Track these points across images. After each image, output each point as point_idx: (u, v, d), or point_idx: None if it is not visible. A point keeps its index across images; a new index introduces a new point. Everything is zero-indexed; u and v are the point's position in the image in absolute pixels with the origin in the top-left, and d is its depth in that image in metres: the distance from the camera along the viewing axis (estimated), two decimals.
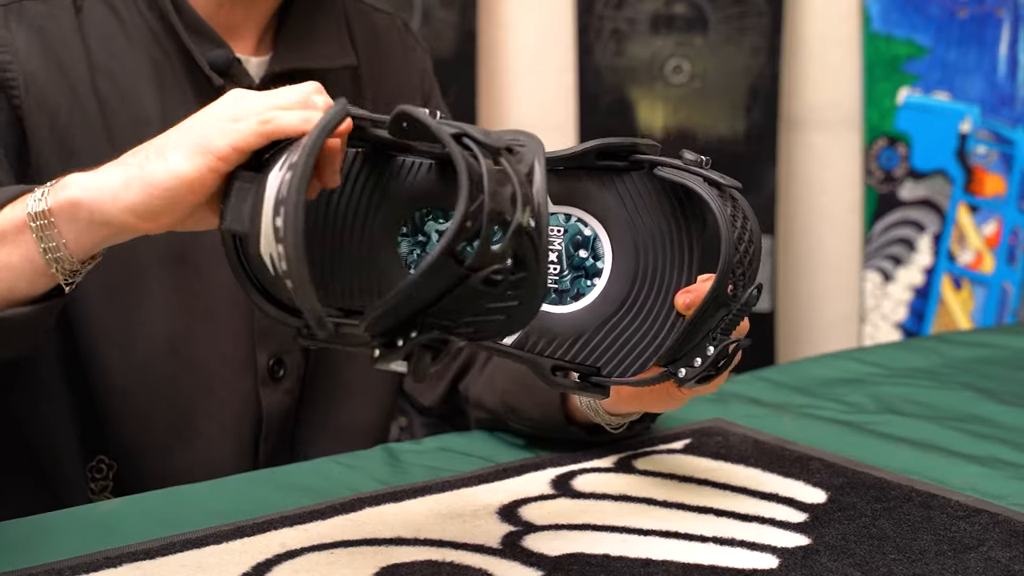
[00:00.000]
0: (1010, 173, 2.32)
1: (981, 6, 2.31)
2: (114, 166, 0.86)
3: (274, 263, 0.76)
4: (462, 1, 2.24)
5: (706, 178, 0.89)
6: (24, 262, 0.89)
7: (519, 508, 0.98)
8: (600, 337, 0.91)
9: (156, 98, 1.11)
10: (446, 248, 0.72)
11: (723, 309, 0.88)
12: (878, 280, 2.36)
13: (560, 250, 0.92)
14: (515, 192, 0.75)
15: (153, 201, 0.84)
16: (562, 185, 0.92)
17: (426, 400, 1.27)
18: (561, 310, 0.92)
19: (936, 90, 2.33)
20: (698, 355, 0.89)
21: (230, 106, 0.84)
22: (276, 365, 1.16)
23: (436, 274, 0.73)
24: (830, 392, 1.32)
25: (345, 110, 0.79)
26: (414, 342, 0.76)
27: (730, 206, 0.88)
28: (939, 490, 1.02)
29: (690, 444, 1.13)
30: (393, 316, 0.75)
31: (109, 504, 1.00)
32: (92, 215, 0.86)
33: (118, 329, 1.10)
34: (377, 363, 0.77)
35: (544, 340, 0.91)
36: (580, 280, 0.92)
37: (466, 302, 0.75)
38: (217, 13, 1.14)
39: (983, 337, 1.61)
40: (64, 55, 1.09)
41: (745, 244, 0.88)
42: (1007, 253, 2.33)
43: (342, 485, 1.03)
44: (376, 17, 1.29)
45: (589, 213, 0.92)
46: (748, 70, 2.30)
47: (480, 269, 0.73)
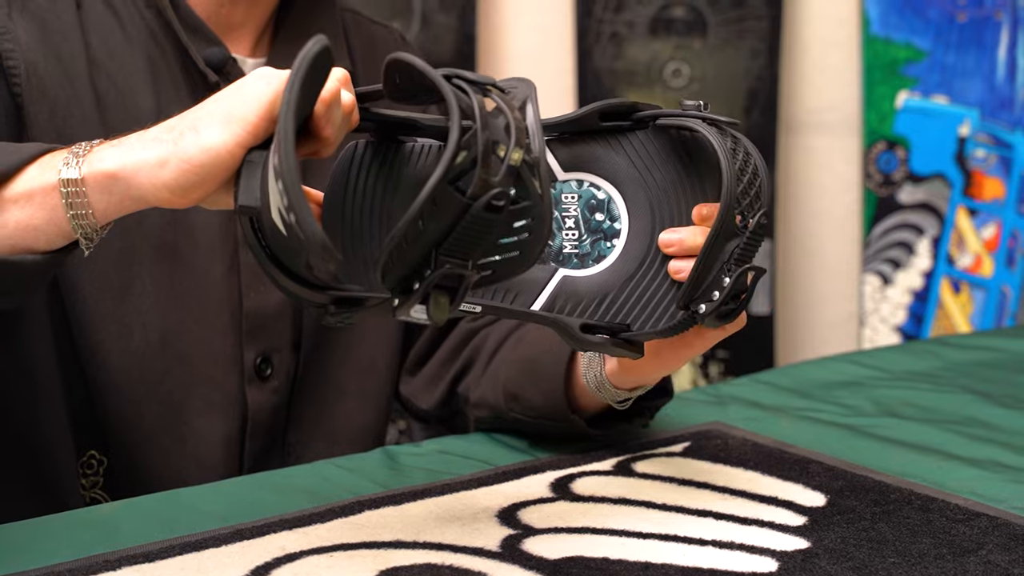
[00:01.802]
0: (1009, 176, 2.32)
1: (980, 9, 2.31)
2: (148, 140, 0.86)
3: (281, 214, 0.76)
4: (461, 5, 2.24)
5: (704, 118, 0.91)
6: (49, 224, 0.89)
7: (518, 511, 0.98)
8: (625, 295, 0.94)
9: (152, 95, 1.12)
10: (442, 175, 0.74)
11: (733, 240, 0.90)
12: (877, 283, 2.36)
13: (576, 215, 0.95)
14: (508, 123, 0.77)
15: (188, 177, 0.84)
16: (570, 152, 0.94)
17: (424, 404, 1.26)
18: (584, 273, 0.94)
19: (935, 93, 2.33)
20: (715, 289, 0.90)
21: (258, 80, 0.85)
22: (264, 363, 1.17)
23: (438, 205, 0.74)
24: (829, 395, 1.32)
25: (323, 41, 0.79)
26: (428, 281, 0.77)
27: (730, 141, 0.91)
28: (938, 493, 1.02)
29: (689, 447, 1.13)
30: (401, 254, 0.76)
31: (108, 507, 1.00)
32: (129, 190, 0.86)
33: (114, 321, 1.11)
34: (398, 312, 0.78)
35: (571, 303, 0.93)
36: (600, 242, 0.95)
37: (474, 235, 0.77)
38: (216, 13, 1.15)
39: (982, 340, 1.61)
40: (64, 48, 1.10)
41: (749, 175, 0.90)
42: (1006, 256, 2.33)
43: (341, 488, 1.03)
44: (374, 29, 1.30)
45: (601, 176, 0.95)
46: (747, 73, 2.30)
47: (481, 197, 0.75)
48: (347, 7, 1.29)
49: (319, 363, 1.21)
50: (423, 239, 0.76)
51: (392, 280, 0.78)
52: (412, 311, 0.79)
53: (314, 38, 0.78)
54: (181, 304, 1.13)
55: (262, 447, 1.19)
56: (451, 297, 0.79)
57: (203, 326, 1.14)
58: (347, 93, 0.86)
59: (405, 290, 0.78)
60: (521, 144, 0.77)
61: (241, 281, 1.15)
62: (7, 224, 0.89)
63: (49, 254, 0.90)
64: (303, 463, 1.17)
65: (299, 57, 0.77)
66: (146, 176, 0.85)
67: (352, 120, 0.87)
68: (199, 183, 0.84)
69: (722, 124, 0.91)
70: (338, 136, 0.86)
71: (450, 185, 0.75)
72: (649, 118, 0.94)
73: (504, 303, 0.93)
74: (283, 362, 1.18)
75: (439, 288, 0.78)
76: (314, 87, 0.81)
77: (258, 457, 1.19)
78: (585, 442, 1.13)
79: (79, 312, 1.10)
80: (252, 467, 1.18)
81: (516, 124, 0.78)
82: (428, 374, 1.26)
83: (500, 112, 0.78)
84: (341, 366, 1.22)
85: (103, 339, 1.11)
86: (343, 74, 0.86)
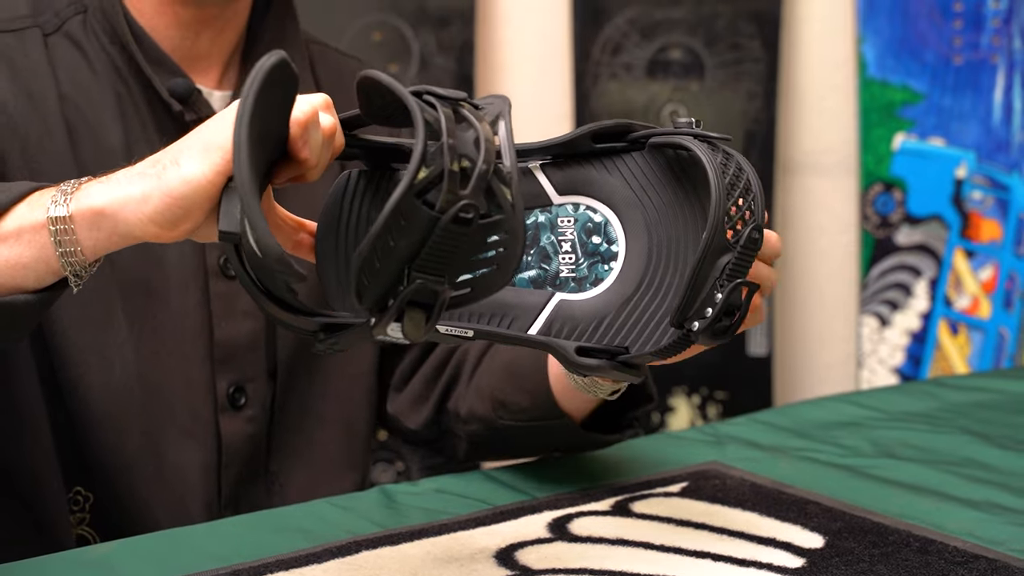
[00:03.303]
0: (1006, 218, 2.33)
1: (976, 52, 2.32)
2: (134, 175, 0.87)
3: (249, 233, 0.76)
4: (459, 47, 2.25)
5: (696, 135, 0.91)
6: (37, 262, 0.89)
7: (516, 551, 0.97)
8: (623, 318, 0.93)
9: (119, 129, 1.13)
10: (406, 189, 0.74)
11: (725, 255, 0.88)
12: (875, 325, 2.36)
13: (573, 239, 0.94)
14: (478, 136, 0.77)
15: (172, 210, 0.84)
16: (565, 176, 0.94)
17: (412, 424, 1.26)
18: (582, 296, 0.94)
19: (932, 136, 2.34)
20: (708, 306, 0.89)
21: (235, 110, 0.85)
22: (237, 392, 1.17)
23: (406, 220, 0.74)
24: (827, 435, 1.32)
25: (280, 54, 0.79)
26: (402, 297, 0.76)
27: (721, 156, 0.90)
28: (937, 535, 1.02)
29: (687, 487, 1.13)
30: (374, 272, 0.76)
31: (105, 547, 1.00)
32: (116, 226, 0.87)
33: (94, 354, 1.12)
34: (374, 331, 0.78)
35: (568, 327, 0.93)
36: (597, 266, 0.94)
37: (446, 250, 0.76)
38: (181, 45, 1.17)
39: (980, 381, 1.61)
40: (34, 85, 1.11)
41: (740, 190, 0.89)
42: (1003, 298, 2.34)
43: (338, 527, 1.02)
44: (343, 61, 1.31)
45: (596, 199, 0.94)
46: (744, 115, 2.31)
47: (448, 210, 0.75)
48: (315, 39, 1.30)
49: (297, 392, 1.22)
50: (395, 255, 0.76)
51: (369, 300, 0.77)
52: (388, 330, 0.78)
53: (270, 52, 0.79)
54: (155, 336, 1.14)
55: (242, 477, 1.19)
56: (427, 314, 0.78)
57: (177, 357, 1.15)
58: (327, 116, 0.86)
59: (381, 308, 0.78)
60: (490, 158, 0.77)
61: (212, 311, 1.16)
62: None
63: (40, 293, 0.91)
64: (287, 492, 1.18)
65: (254, 70, 0.77)
66: (132, 211, 0.85)
67: (336, 144, 0.87)
68: (184, 215, 0.84)
69: (714, 140, 0.91)
70: (320, 159, 0.86)
71: (417, 199, 0.75)
72: (643, 138, 0.94)
73: (500, 328, 0.93)
74: (258, 391, 1.19)
75: (414, 305, 0.78)
76: (280, 102, 0.81)
77: (239, 487, 1.19)
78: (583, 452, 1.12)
79: (59, 345, 1.11)
80: (231, 497, 1.18)
81: (486, 138, 0.77)
82: (414, 392, 1.25)
83: (470, 126, 0.78)
84: (319, 394, 1.23)
85: (84, 372, 1.11)
86: (323, 98, 0.86)
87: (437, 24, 2.24)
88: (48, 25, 1.14)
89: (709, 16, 2.30)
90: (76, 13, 1.15)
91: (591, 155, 0.94)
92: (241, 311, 1.17)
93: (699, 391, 2.32)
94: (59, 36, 1.14)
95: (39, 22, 1.14)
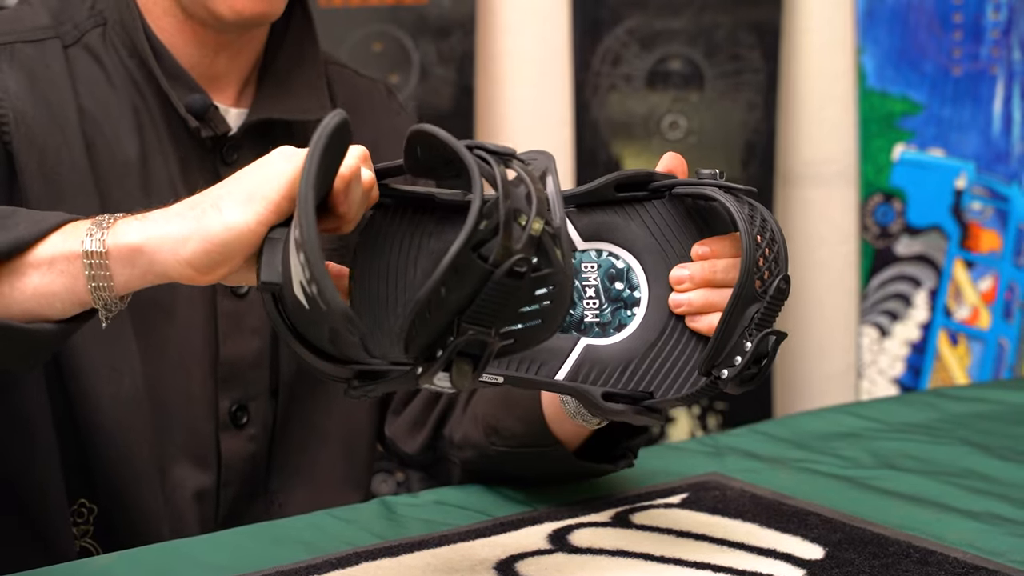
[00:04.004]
0: (1005, 229, 2.33)
1: (975, 63, 2.33)
2: (172, 216, 0.87)
3: (303, 287, 0.77)
4: (459, 58, 2.26)
5: (721, 187, 0.93)
6: (67, 291, 0.90)
7: (516, 563, 0.97)
8: (648, 362, 0.94)
9: (136, 142, 1.14)
10: (464, 242, 0.75)
11: (754, 305, 0.91)
12: (875, 335, 2.36)
13: (597, 284, 0.96)
14: (529, 192, 0.79)
15: (210, 256, 0.85)
16: (589, 221, 0.96)
17: (409, 448, 1.25)
18: (607, 342, 0.95)
19: (931, 146, 2.34)
20: (737, 354, 0.91)
21: (280, 159, 0.86)
22: (239, 411, 1.17)
23: (459, 272, 0.76)
24: (827, 446, 1.32)
25: (342, 115, 0.80)
26: (452, 347, 0.78)
27: (747, 207, 0.92)
28: (937, 546, 1.02)
29: (687, 498, 1.13)
30: (424, 322, 0.77)
31: (105, 558, 1.00)
32: (152, 265, 0.87)
33: (104, 366, 1.12)
34: (421, 380, 0.79)
35: (595, 371, 0.94)
36: (620, 311, 0.96)
37: (496, 302, 0.78)
38: (200, 63, 1.17)
39: (980, 392, 1.61)
40: (53, 97, 1.12)
41: (767, 240, 0.91)
42: (1003, 309, 2.34)
43: (338, 539, 1.02)
44: (359, 82, 1.31)
45: (619, 246, 0.96)
46: (744, 126, 2.31)
47: (502, 264, 0.76)
48: (334, 60, 1.30)
49: (299, 411, 1.21)
50: (446, 307, 0.77)
51: (415, 349, 0.79)
52: (435, 379, 0.79)
53: (333, 112, 0.80)
54: (160, 351, 1.14)
55: (241, 496, 1.19)
56: (474, 364, 0.80)
57: (181, 373, 1.15)
58: (367, 171, 0.87)
59: (428, 358, 0.79)
60: (542, 214, 0.79)
61: (218, 329, 1.16)
62: (25, 289, 0.90)
63: (62, 323, 0.91)
64: (287, 511, 1.17)
65: (319, 130, 0.78)
66: (169, 251, 0.86)
67: (372, 197, 0.88)
68: (222, 261, 0.85)
69: (738, 192, 0.93)
70: (357, 213, 0.87)
71: (472, 252, 0.76)
72: (665, 187, 0.95)
73: (529, 373, 0.94)
74: (260, 410, 1.19)
75: (462, 355, 0.79)
76: (333, 161, 0.82)
77: (238, 506, 1.19)
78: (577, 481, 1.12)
79: (69, 357, 1.11)
80: (229, 515, 1.18)
81: (537, 194, 0.79)
82: (411, 417, 1.25)
83: (521, 182, 0.79)
84: (322, 414, 1.22)
85: (94, 384, 1.11)
86: (363, 151, 0.86)
87: (437, 34, 2.25)
88: (68, 37, 1.15)
89: (709, 27, 2.30)
90: (96, 26, 1.16)
91: (614, 203, 0.96)
92: (249, 329, 1.17)
93: (699, 402, 2.32)
94: (78, 48, 1.15)
95: (59, 33, 1.15)
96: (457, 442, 1.19)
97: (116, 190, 1.12)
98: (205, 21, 1.14)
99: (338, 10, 2.22)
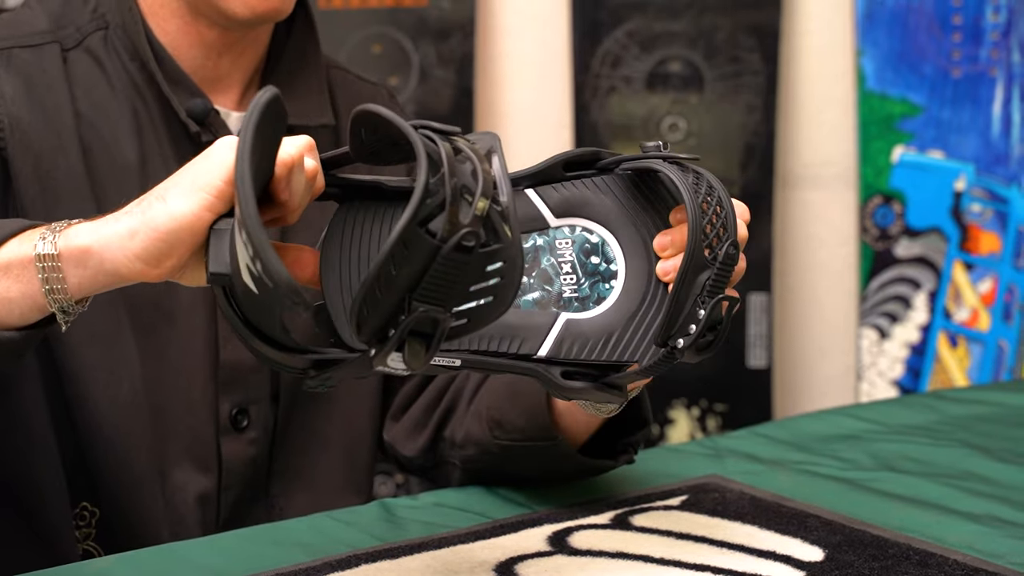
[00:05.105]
0: (1005, 231, 2.33)
1: (975, 65, 2.33)
2: (122, 215, 0.87)
3: (250, 269, 0.77)
4: (459, 60, 2.26)
5: (665, 158, 0.93)
6: (23, 297, 0.90)
7: (516, 565, 0.97)
8: (631, 332, 0.94)
9: (135, 146, 1.14)
10: (411, 217, 0.75)
11: (704, 273, 0.90)
12: (874, 337, 2.36)
13: (572, 260, 0.96)
14: (476, 169, 0.79)
15: (157, 245, 0.85)
16: (560, 198, 0.96)
17: (408, 451, 1.25)
18: (587, 315, 0.95)
19: (931, 148, 2.34)
20: (691, 323, 0.91)
21: (223, 147, 0.86)
22: (240, 415, 1.17)
23: (408, 247, 0.75)
24: (827, 449, 1.32)
25: (273, 91, 0.80)
26: (404, 326, 0.77)
27: (692, 176, 0.92)
28: (937, 548, 1.02)
29: (687, 500, 1.13)
30: (375, 303, 0.77)
31: (104, 561, 1.00)
32: (102, 264, 0.87)
33: (102, 370, 1.12)
34: (375, 362, 0.78)
35: (577, 345, 0.94)
36: (599, 284, 0.96)
37: (447, 278, 0.77)
38: (203, 66, 1.17)
39: (979, 394, 1.61)
40: (50, 102, 1.12)
41: (713, 208, 0.91)
42: (1003, 311, 2.34)
43: (338, 541, 1.02)
44: (361, 86, 1.31)
45: (592, 220, 0.96)
46: (744, 128, 2.31)
47: (450, 238, 0.76)
48: (336, 64, 1.31)
49: (300, 415, 1.21)
50: (396, 285, 0.77)
51: (368, 331, 0.78)
52: (389, 360, 0.79)
53: (264, 88, 0.80)
54: (161, 355, 1.14)
55: (242, 500, 1.19)
56: (427, 344, 0.79)
57: (181, 377, 1.15)
58: (310, 160, 0.87)
59: (381, 339, 0.78)
60: (488, 190, 0.78)
61: (219, 333, 1.16)
62: None
63: (24, 330, 0.91)
64: (288, 515, 1.17)
65: (250, 106, 0.78)
66: (118, 248, 0.86)
67: (316, 187, 0.88)
68: (169, 251, 0.85)
69: (683, 161, 0.93)
70: (301, 202, 0.86)
71: (420, 227, 0.76)
72: (613, 164, 0.96)
73: (511, 350, 0.93)
74: (261, 414, 1.19)
75: (414, 335, 0.79)
76: (271, 143, 0.82)
77: (238, 510, 1.19)
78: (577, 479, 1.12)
79: (67, 361, 1.11)
80: (230, 519, 1.18)
81: (483, 171, 0.79)
82: (412, 420, 1.25)
83: (467, 159, 0.79)
84: (323, 418, 1.23)
85: (92, 387, 1.11)
86: (307, 141, 0.86)
87: (437, 37, 2.25)
88: (69, 40, 1.15)
89: (709, 29, 2.30)
90: (97, 29, 1.16)
91: (585, 178, 0.96)
92: None
93: (699, 404, 2.32)
94: (79, 51, 1.15)
95: (59, 37, 1.15)
96: (459, 441, 1.19)
97: (114, 194, 1.12)
98: (214, 20, 1.14)
99: (338, 12, 2.22)
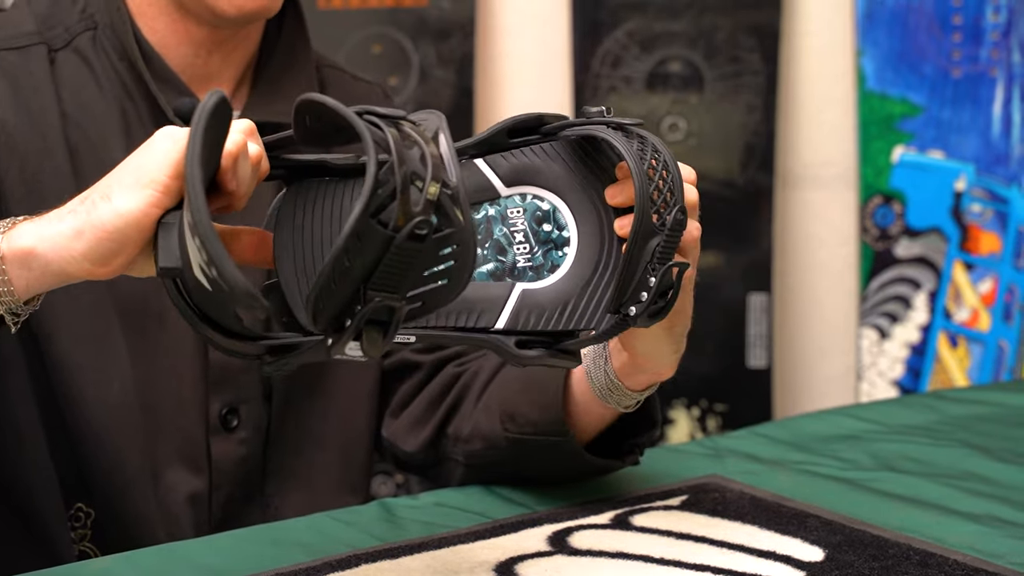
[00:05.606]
0: (1005, 231, 2.33)
1: (975, 65, 2.33)
2: (65, 213, 0.86)
3: (203, 269, 0.76)
4: (459, 59, 2.26)
5: (608, 123, 0.92)
6: None
7: (516, 565, 0.97)
8: (587, 299, 0.94)
9: (123, 146, 1.14)
10: (362, 210, 0.75)
11: (654, 239, 0.90)
12: (874, 337, 2.36)
13: (524, 229, 0.95)
14: (424, 153, 0.78)
15: (105, 244, 0.84)
16: (510, 167, 0.95)
17: (408, 447, 1.24)
18: (542, 284, 0.95)
19: (931, 148, 2.34)
20: (643, 290, 0.91)
21: (164, 139, 0.85)
22: (230, 414, 1.17)
23: (361, 240, 0.75)
24: (827, 449, 1.32)
25: (220, 93, 0.80)
26: (360, 316, 0.77)
27: (636, 142, 0.91)
28: (937, 548, 1.02)
29: (687, 500, 1.12)
30: (330, 293, 0.77)
31: (102, 561, 1.00)
32: (48, 265, 0.86)
33: (93, 370, 1.11)
34: (332, 351, 0.79)
35: (535, 315, 0.94)
36: (551, 252, 0.95)
37: (401, 267, 0.77)
38: (192, 64, 1.17)
39: (980, 394, 1.61)
40: (35, 104, 1.12)
41: (659, 173, 0.91)
42: (1003, 311, 2.34)
43: (338, 541, 1.02)
44: (355, 85, 1.31)
45: (543, 187, 0.96)
46: (744, 128, 2.31)
47: (403, 228, 0.76)
48: (331, 63, 1.30)
49: (294, 415, 1.21)
50: (350, 276, 0.77)
51: (324, 321, 0.78)
52: (346, 348, 0.79)
53: (211, 91, 0.79)
54: (151, 355, 1.14)
55: (235, 499, 1.19)
56: (384, 331, 0.79)
57: (172, 378, 1.15)
58: (254, 144, 0.86)
59: (337, 328, 0.78)
60: (438, 175, 0.78)
61: None
62: None
63: None
64: (283, 515, 1.17)
65: (198, 110, 0.78)
66: (64, 248, 0.85)
67: (261, 170, 0.87)
68: (117, 249, 0.84)
69: (627, 126, 0.92)
70: (247, 189, 0.86)
71: (372, 219, 0.76)
72: (556, 129, 0.95)
73: (468, 324, 0.93)
74: (251, 413, 1.18)
75: (371, 323, 0.79)
76: (217, 140, 0.82)
77: (232, 510, 1.18)
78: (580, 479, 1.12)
79: (57, 362, 1.11)
80: (224, 519, 1.18)
81: (431, 155, 0.79)
82: (413, 416, 1.24)
83: (414, 144, 0.79)
84: (318, 417, 1.22)
85: (82, 387, 1.11)
86: (248, 125, 0.86)
87: (437, 37, 2.25)
88: (57, 40, 1.15)
89: (709, 29, 2.30)
90: (86, 29, 1.16)
91: (533, 144, 0.95)
92: None
93: (699, 404, 2.32)
94: (68, 52, 1.15)
95: (46, 38, 1.15)
96: (465, 436, 1.18)
97: None
98: (202, 18, 1.14)
99: (337, 12, 2.22)
